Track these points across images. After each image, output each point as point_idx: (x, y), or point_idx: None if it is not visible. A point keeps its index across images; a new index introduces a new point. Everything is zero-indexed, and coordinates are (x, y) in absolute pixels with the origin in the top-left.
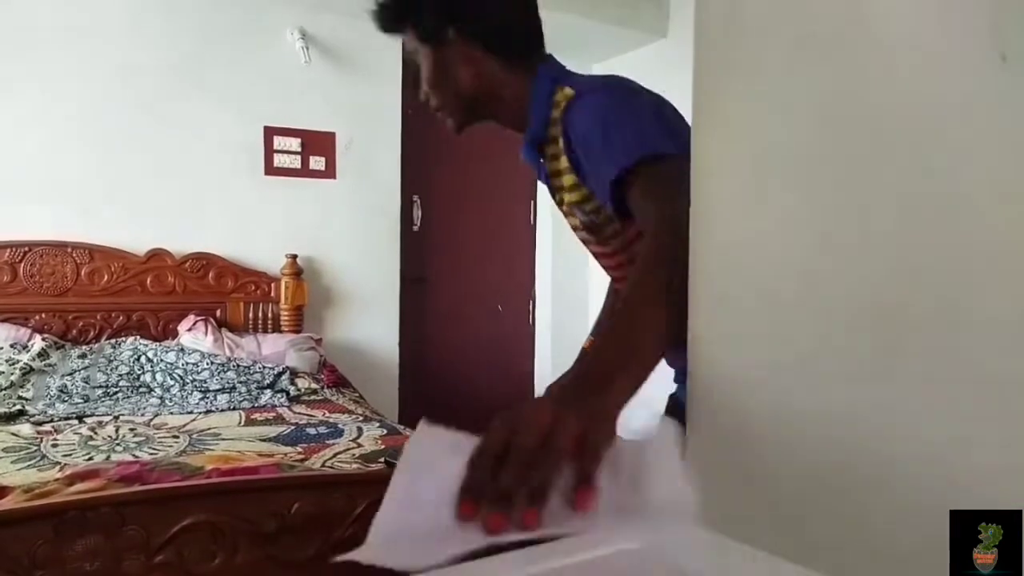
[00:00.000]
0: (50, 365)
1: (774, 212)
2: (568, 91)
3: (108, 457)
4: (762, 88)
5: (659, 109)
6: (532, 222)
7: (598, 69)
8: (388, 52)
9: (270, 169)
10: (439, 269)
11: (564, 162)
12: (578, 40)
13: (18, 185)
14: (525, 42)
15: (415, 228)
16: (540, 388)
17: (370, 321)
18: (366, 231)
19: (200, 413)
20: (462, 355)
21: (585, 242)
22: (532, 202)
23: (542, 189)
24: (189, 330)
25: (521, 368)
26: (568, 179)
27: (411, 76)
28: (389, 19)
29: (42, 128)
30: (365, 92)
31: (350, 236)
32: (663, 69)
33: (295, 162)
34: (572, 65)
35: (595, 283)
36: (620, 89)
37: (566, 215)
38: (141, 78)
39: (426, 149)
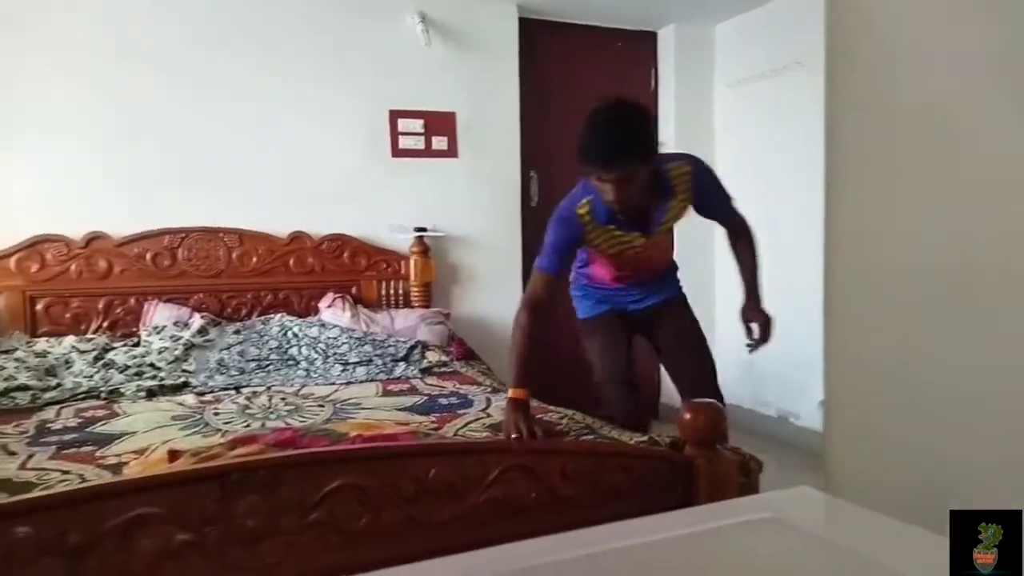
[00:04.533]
0: (209, 341)
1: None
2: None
3: (263, 424)
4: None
5: None
6: None
7: (721, 29)
8: (505, 31)
9: (396, 151)
10: None
11: (681, 201)
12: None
13: (178, 177)
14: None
15: (533, 203)
16: None
17: (494, 295)
18: (487, 208)
19: (341, 384)
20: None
21: (633, 246)
22: None
23: None
24: (329, 307)
25: None
26: (678, 210)
27: (526, 55)
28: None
29: (197, 131)
30: (483, 71)
31: (472, 214)
32: (783, 29)
33: (419, 143)
34: (695, 24)
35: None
36: (702, 163)
37: (644, 239)
38: (277, 75)
39: (542, 125)
